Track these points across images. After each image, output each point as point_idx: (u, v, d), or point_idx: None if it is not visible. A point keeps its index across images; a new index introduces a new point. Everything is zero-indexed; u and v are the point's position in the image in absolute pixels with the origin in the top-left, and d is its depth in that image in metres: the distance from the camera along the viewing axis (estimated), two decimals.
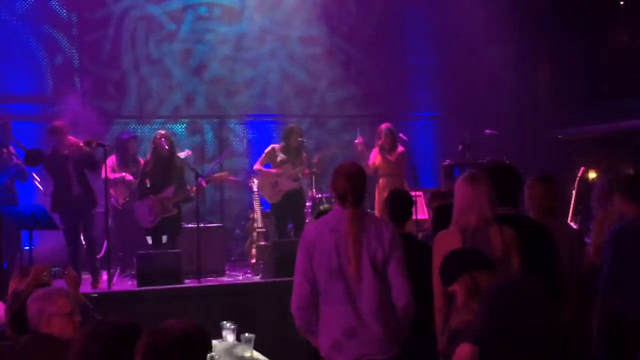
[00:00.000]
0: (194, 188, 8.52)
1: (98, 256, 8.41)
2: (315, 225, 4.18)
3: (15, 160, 8.18)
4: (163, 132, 8.86)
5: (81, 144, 8.10)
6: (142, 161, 9.09)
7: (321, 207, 5.43)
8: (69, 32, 10.54)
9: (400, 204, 5.15)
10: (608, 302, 4.75)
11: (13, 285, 4.90)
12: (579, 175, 8.66)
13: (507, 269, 3.87)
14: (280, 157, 8.95)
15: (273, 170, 8.97)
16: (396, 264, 4.01)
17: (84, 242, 8.45)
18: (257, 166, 9.13)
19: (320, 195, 9.47)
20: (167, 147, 8.53)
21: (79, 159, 8.15)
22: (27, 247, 7.63)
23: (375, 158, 9.38)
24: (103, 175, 8.28)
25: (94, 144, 8.13)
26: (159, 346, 2.59)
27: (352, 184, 4.06)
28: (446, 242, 4.08)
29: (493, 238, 4.01)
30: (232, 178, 10.19)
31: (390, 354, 4.01)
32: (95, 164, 8.25)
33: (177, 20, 11.07)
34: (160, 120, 10.91)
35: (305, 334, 4.18)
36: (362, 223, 4.02)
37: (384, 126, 9.45)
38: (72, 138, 8.24)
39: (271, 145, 9.17)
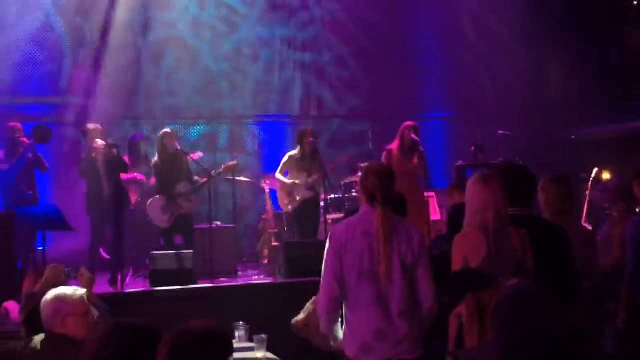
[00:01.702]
0: (202, 179, 8.64)
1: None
2: (345, 226, 4.16)
3: (27, 144, 8.24)
4: (169, 130, 8.89)
5: (104, 145, 8.21)
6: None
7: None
8: (86, 33, 10.56)
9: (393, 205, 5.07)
10: (632, 296, 4.76)
11: (27, 286, 4.94)
12: (592, 176, 8.62)
13: (525, 269, 3.87)
14: (297, 166, 8.89)
15: (289, 181, 8.91)
16: (424, 267, 4.05)
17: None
18: (277, 175, 9.03)
19: (331, 196, 9.45)
20: (177, 146, 8.61)
21: (109, 161, 8.24)
22: (41, 248, 7.66)
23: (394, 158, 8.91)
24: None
25: (113, 146, 8.23)
26: (183, 345, 2.60)
27: (382, 182, 4.09)
28: (469, 243, 4.06)
29: (513, 238, 4.02)
30: (242, 179, 10.19)
31: (417, 354, 4.05)
32: (125, 166, 8.39)
33: (192, 23, 11.11)
34: (174, 120, 10.91)
35: (328, 335, 4.18)
36: (392, 223, 4.05)
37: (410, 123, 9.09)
38: (99, 140, 8.34)
39: (287, 154, 9.09)
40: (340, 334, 4.14)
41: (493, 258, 3.97)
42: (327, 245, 4.14)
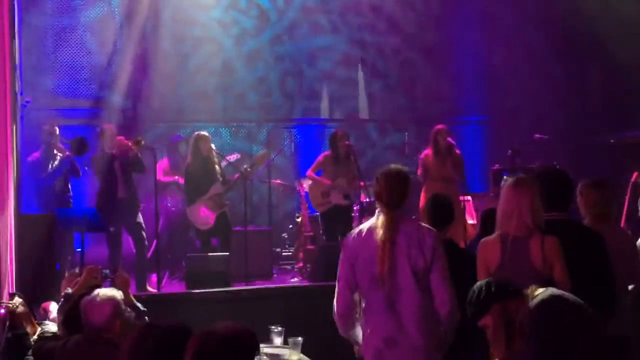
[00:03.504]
0: (235, 176, 8.67)
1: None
2: (358, 232, 4.13)
3: (64, 155, 8.33)
4: (203, 133, 8.89)
5: (130, 144, 8.20)
6: None
7: None
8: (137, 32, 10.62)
9: (440, 209, 5.01)
10: None
11: (65, 287, 4.99)
12: (632, 180, 8.50)
13: (545, 280, 3.81)
14: (333, 168, 8.87)
15: (327, 182, 8.85)
16: (438, 271, 3.93)
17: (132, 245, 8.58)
18: (309, 173, 9.04)
19: (367, 200, 9.43)
20: (212, 148, 8.63)
21: (127, 161, 8.24)
22: (79, 249, 7.75)
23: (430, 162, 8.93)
24: (157, 178, 8.40)
25: (143, 143, 8.22)
26: (208, 347, 2.61)
27: (388, 184, 4.03)
28: (486, 251, 4.09)
29: (533, 248, 3.96)
30: (277, 181, 10.19)
31: None
32: (142, 166, 8.31)
33: (222, 22, 11.15)
34: (209, 123, 10.95)
35: (348, 339, 4.17)
36: (399, 227, 3.96)
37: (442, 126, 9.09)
38: (121, 138, 8.34)
39: (323, 154, 9.07)
40: (360, 338, 4.12)
41: (505, 267, 3.94)
42: (341, 252, 4.11)
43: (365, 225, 4.14)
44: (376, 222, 4.05)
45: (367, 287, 4.00)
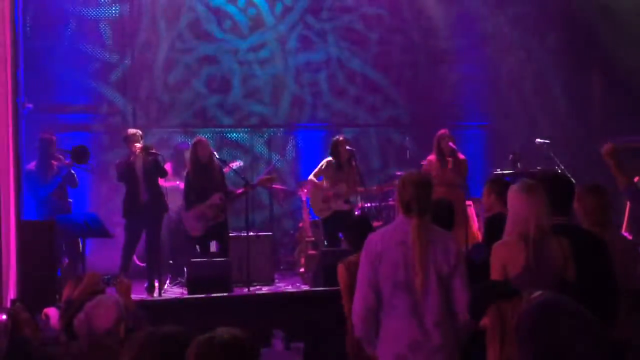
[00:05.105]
0: (239, 190, 8.58)
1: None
2: (380, 235, 4.13)
3: (63, 163, 8.33)
4: (203, 138, 8.87)
5: (140, 149, 8.25)
6: None
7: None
8: (124, 40, 10.63)
9: (441, 214, 5.01)
10: None
11: (67, 293, 4.99)
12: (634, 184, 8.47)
13: (565, 280, 3.83)
14: (334, 174, 8.85)
15: (327, 188, 8.80)
16: (461, 278, 4.02)
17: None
18: (311, 177, 9.02)
19: (367, 204, 9.43)
20: (213, 154, 8.60)
21: (147, 165, 8.29)
22: (81, 255, 7.75)
23: (433, 167, 8.93)
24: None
25: (151, 150, 8.27)
26: (210, 353, 2.61)
27: (419, 192, 4.05)
28: (509, 253, 4.04)
29: (553, 249, 3.98)
30: (279, 187, 10.19)
31: None
32: (163, 171, 8.43)
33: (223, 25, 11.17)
34: (210, 129, 10.96)
35: (363, 343, 4.17)
36: (428, 234, 4.02)
37: (445, 131, 9.11)
38: (138, 144, 8.39)
39: (325, 159, 9.07)
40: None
41: (532, 269, 3.93)
42: (362, 254, 4.12)
43: (387, 229, 4.16)
44: (399, 227, 4.08)
45: (390, 292, 4.02)
